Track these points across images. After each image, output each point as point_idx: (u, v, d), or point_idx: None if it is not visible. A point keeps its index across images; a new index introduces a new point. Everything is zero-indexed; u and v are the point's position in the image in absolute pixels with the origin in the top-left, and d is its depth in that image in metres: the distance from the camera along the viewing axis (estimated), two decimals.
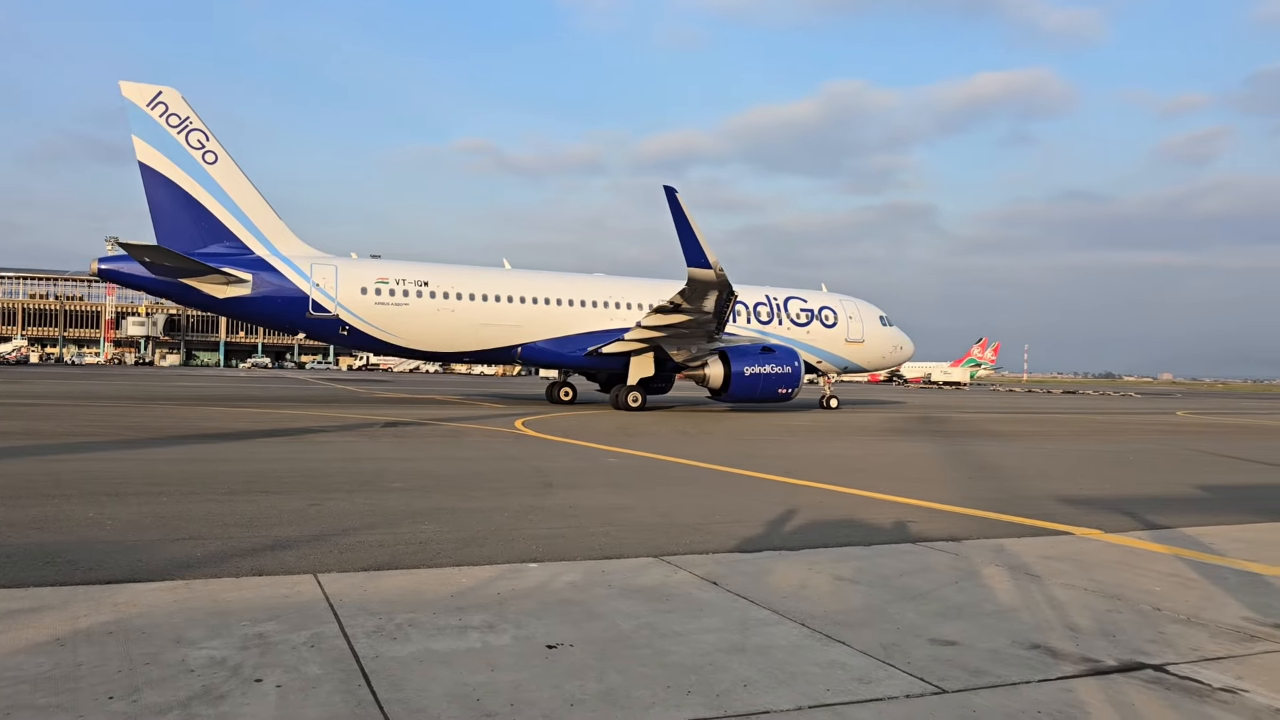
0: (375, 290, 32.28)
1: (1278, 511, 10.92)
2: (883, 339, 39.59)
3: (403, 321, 32.67)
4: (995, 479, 14.12)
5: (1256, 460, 18.98)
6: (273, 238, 32.03)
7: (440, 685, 4.19)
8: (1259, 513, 10.87)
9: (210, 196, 31.03)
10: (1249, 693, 4.40)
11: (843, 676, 4.48)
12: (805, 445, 19.92)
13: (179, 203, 30.65)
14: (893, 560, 7.39)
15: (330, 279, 31.88)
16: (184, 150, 30.77)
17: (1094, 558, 7.74)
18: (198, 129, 31.04)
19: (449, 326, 33.21)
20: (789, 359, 32.72)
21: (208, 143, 31.08)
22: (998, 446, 21.12)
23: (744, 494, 11.43)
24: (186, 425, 20.27)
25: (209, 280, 30.31)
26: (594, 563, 6.99)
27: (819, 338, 37.45)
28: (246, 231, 31.55)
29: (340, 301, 31.85)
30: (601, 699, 4.08)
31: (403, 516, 8.82)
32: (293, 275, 31.56)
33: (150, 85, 30.93)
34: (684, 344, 32.36)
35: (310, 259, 32.37)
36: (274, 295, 31.33)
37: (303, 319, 31.98)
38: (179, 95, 31.10)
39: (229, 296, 30.79)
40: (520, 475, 12.66)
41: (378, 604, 5.56)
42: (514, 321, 33.86)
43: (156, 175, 30.49)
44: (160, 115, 30.64)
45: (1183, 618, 5.81)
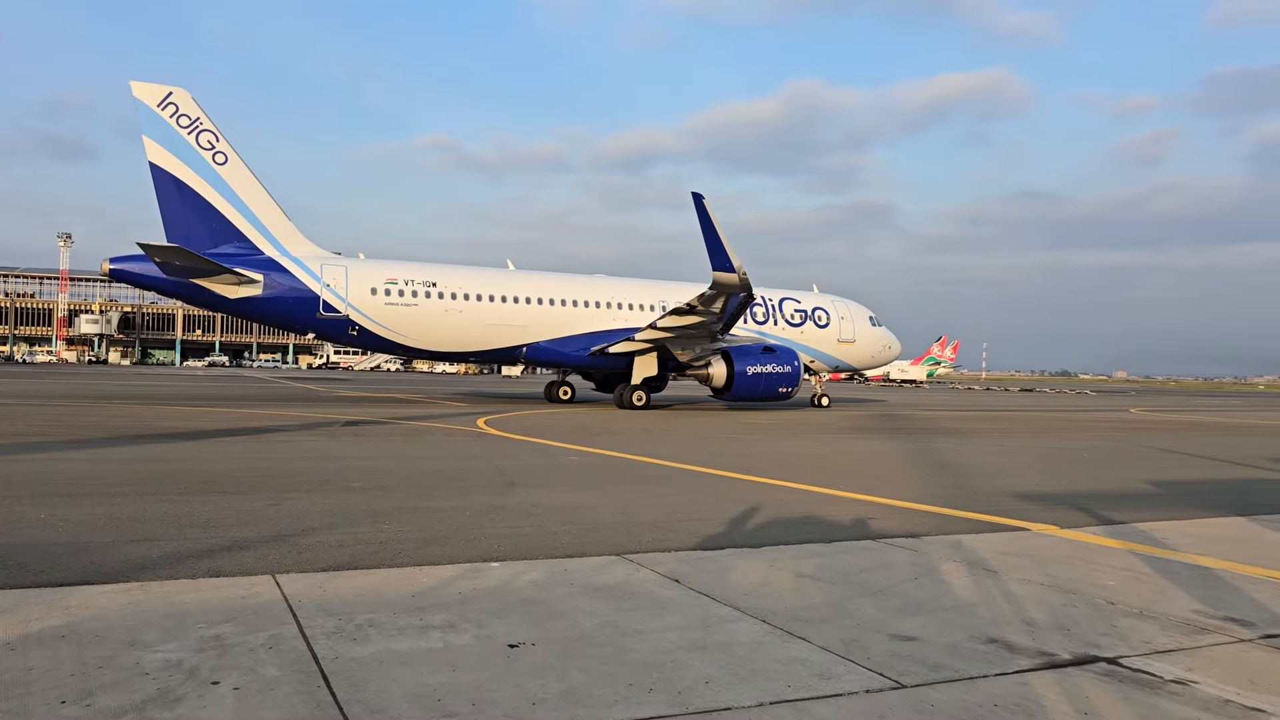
0: (385, 291, 32.50)
1: (1228, 506, 11.15)
2: (873, 339, 40.48)
3: (412, 322, 32.92)
4: (954, 476, 14.28)
5: (1207, 456, 19.37)
6: (282, 238, 32.10)
7: (401, 686, 4.17)
8: (1209, 508, 11.09)
9: (220, 197, 31.10)
10: (1199, 684, 4.49)
11: (803, 673, 4.51)
12: (767, 443, 20.02)
13: (189, 203, 30.69)
14: (853, 557, 7.45)
15: (340, 279, 32.04)
16: (194, 151, 30.79)
17: (1050, 553, 7.86)
18: (208, 130, 31.06)
19: (457, 327, 33.53)
20: (789, 359, 33.53)
21: (218, 143, 31.14)
22: (956, 444, 21.37)
23: (706, 492, 11.46)
24: (141, 425, 19.96)
25: (220, 280, 30.34)
26: (556, 561, 6.97)
27: (812, 337, 38.10)
28: (256, 232, 31.65)
29: (351, 302, 32.03)
30: (563, 698, 4.08)
31: (363, 516, 8.75)
32: (303, 276, 31.66)
33: (161, 86, 30.88)
34: (689, 344, 33.07)
35: (320, 259, 32.51)
36: (285, 296, 31.43)
37: (313, 319, 32.12)
38: (189, 96, 31.07)
39: (240, 297, 30.82)
40: (482, 474, 12.60)
41: (337, 604, 5.51)
42: (519, 322, 34.24)
43: (167, 176, 30.54)
44: (171, 116, 30.63)
45: (1135, 611, 5.92)
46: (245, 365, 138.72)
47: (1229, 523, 9.96)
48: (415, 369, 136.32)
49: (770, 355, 33.39)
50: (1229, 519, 10.21)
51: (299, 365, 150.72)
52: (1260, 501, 11.78)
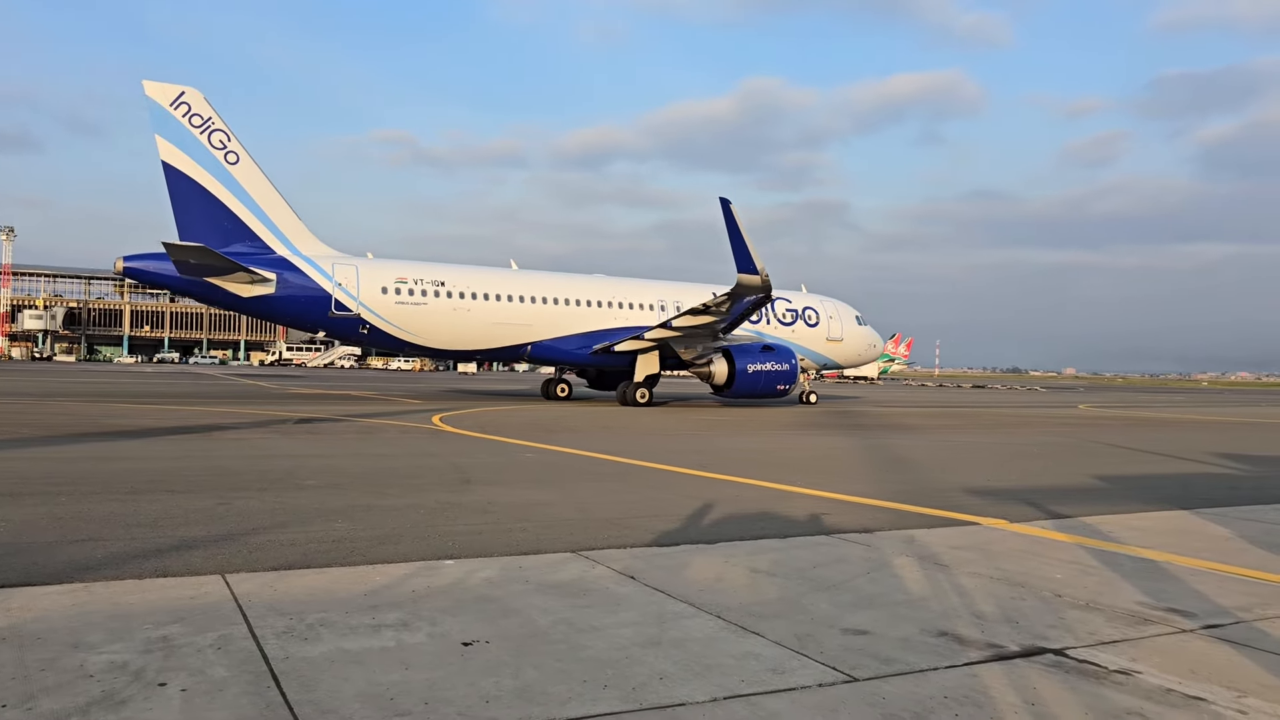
0: (395, 290, 33.08)
1: (1171, 500, 11.39)
2: (859, 337, 41.68)
3: (421, 320, 33.53)
4: (907, 471, 14.45)
5: (1152, 451, 19.78)
6: (293, 237, 32.55)
7: (353, 685, 4.13)
8: (1154, 501, 11.32)
9: (233, 196, 31.45)
10: (1142, 674, 4.59)
11: (757, 667, 4.54)
12: (724, 439, 20.11)
13: (202, 202, 30.99)
14: (807, 552, 7.50)
15: (352, 279, 32.54)
16: (206, 150, 31.10)
17: (1000, 547, 7.98)
18: (219, 129, 31.39)
19: (464, 325, 34.20)
20: (787, 357, 34.64)
21: (229, 143, 31.46)
22: (910, 440, 21.62)
23: (663, 488, 11.49)
24: (87, 423, 19.56)
25: (234, 279, 30.60)
26: (511, 559, 6.95)
27: (803, 336, 39.02)
28: (268, 231, 32.02)
29: (362, 301, 32.55)
30: (517, 695, 4.06)
31: (315, 514, 8.65)
32: (315, 275, 32.11)
33: (173, 85, 31.13)
34: (693, 343, 34.08)
35: (331, 259, 33.01)
36: (298, 294, 31.86)
37: (325, 318, 32.53)
38: (201, 96, 31.35)
39: (254, 295, 31.17)
40: (437, 471, 12.52)
41: (288, 604, 5.44)
42: (525, 320, 35.02)
43: (179, 175, 30.81)
44: (183, 115, 30.94)
45: (1082, 603, 6.03)
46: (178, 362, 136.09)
47: (1172, 516, 10.18)
48: (370, 365, 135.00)
49: (769, 354, 34.43)
50: (1172, 512, 10.43)
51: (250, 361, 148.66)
52: (1202, 495, 12.05)
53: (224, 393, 37.17)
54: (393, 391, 42.35)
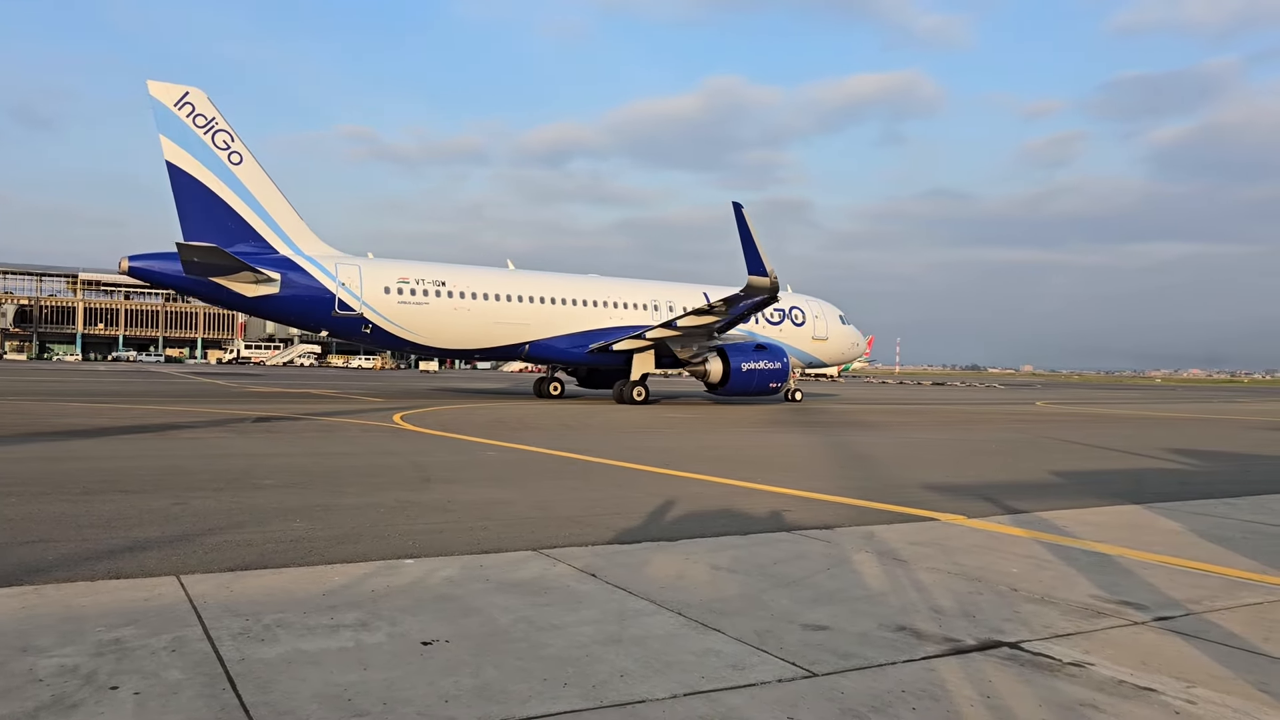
0: (398, 290, 33.47)
1: (1125, 495, 11.59)
2: (843, 336, 42.69)
3: (423, 320, 33.95)
4: (867, 468, 14.57)
5: (1106, 447, 20.11)
6: (295, 238, 32.77)
7: (310, 686, 4.08)
8: (1108, 496, 11.51)
9: (236, 196, 31.63)
10: (1095, 666, 4.67)
11: (717, 664, 4.55)
12: (686, 437, 20.15)
13: (206, 202, 31.14)
14: (768, 549, 7.54)
15: (355, 278, 32.85)
16: (210, 150, 31.28)
17: (957, 542, 8.07)
18: (223, 130, 31.56)
19: (465, 324, 34.67)
20: (779, 356, 35.63)
21: (233, 143, 31.68)
22: (870, 436, 21.80)
23: (624, 486, 11.49)
24: (39, 422, 19.19)
25: (239, 279, 30.76)
26: (472, 557, 6.91)
27: (790, 335, 39.75)
28: (271, 231, 32.23)
29: (365, 300, 32.88)
30: (477, 694, 4.04)
31: (273, 514, 8.55)
32: (319, 274, 32.36)
33: (177, 85, 31.27)
34: (690, 342, 34.88)
35: (334, 259, 33.28)
36: (302, 294, 32.06)
37: (328, 317, 32.80)
38: (205, 96, 31.51)
39: (258, 295, 31.38)
40: (397, 470, 12.43)
41: (244, 605, 5.37)
42: (523, 320, 35.59)
43: (183, 175, 30.98)
44: (187, 115, 31.07)
45: (1037, 597, 6.11)
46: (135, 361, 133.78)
47: (1125, 510, 10.35)
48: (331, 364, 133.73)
49: (762, 352, 35.40)
50: (1126, 507, 10.61)
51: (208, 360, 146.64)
52: (1154, 490, 12.27)
53: (180, 391, 36.63)
54: (353, 390, 41.98)
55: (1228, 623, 5.57)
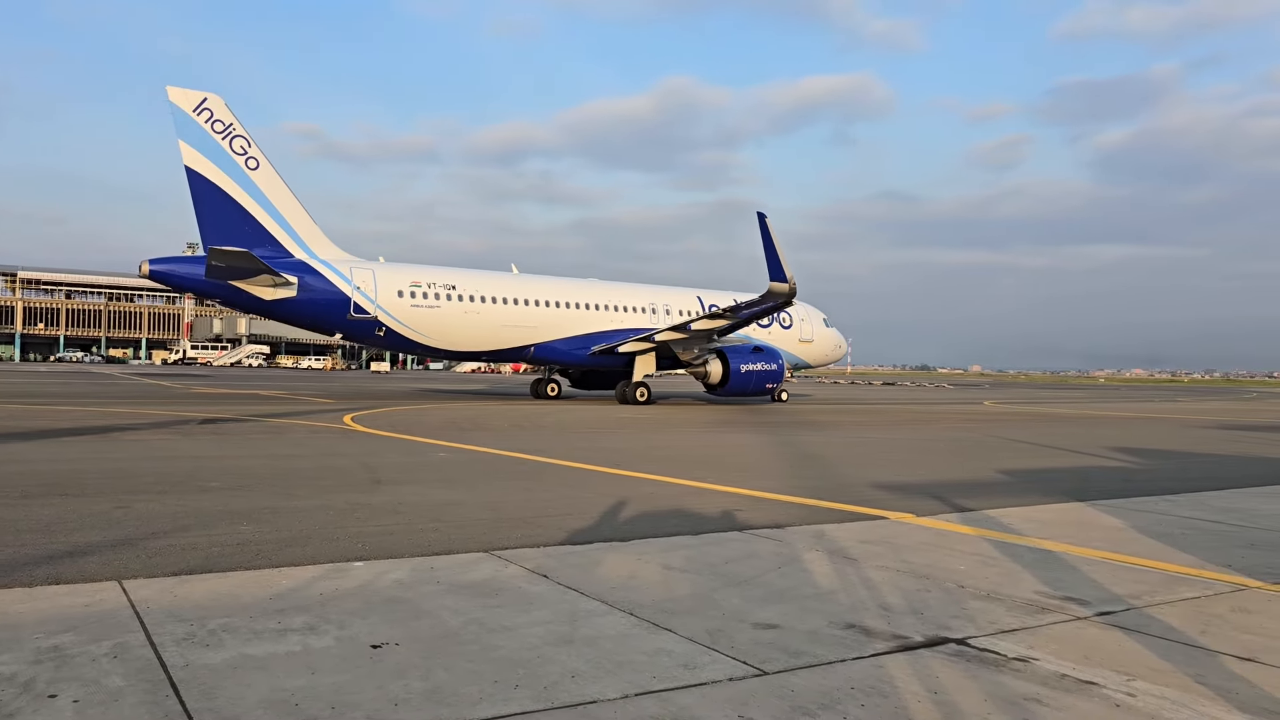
0: (410, 293, 34.18)
1: (1069, 493, 11.81)
2: (827, 338, 44.42)
3: (434, 323, 34.71)
4: (818, 467, 14.70)
5: (1052, 446, 20.48)
6: (310, 242, 33.44)
7: (256, 692, 4.02)
8: (1052, 494, 11.73)
9: (253, 201, 32.23)
10: (1039, 661, 4.75)
11: (668, 663, 4.56)
12: (638, 437, 20.17)
13: (224, 206, 31.73)
14: (720, 548, 7.57)
15: (369, 282, 33.51)
16: (228, 156, 31.88)
17: (906, 540, 8.17)
18: (240, 135, 32.15)
19: (474, 327, 35.52)
20: (774, 358, 37.33)
21: (250, 149, 32.27)
22: (821, 436, 21.99)
23: (577, 487, 11.47)
24: None
25: (258, 283, 31.41)
26: (422, 559, 6.86)
27: (778, 338, 41.00)
28: (287, 236, 32.84)
29: (380, 304, 33.54)
30: (427, 697, 4.01)
31: (218, 517, 8.40)
32: (334, 278, 33.01)
33: (196, 91, 31.92)
34: (693, 345, 36.07)
35: (348, 263, 33.93)
36: (318, 298, 32.68)
37: (343, 320, 33.44)
38: (223, 102, 32.14)
39: (276, 299, 32.00)
40: (347, 472, 12.29)
41: (189, 610, 5.27)
42: (530, 323, 36.50)
43: (202, 180, 31.55)
44: (206, 121, 31.70)
45: (984, 594, 6.21)
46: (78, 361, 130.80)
47: (1070, 508, 10.55)
48: (279, 364, 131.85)
49: (759, 354, 36.99)
50: (1070, 504, 10.81)
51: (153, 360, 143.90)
52: (1097, 487, 12.52)
53: (123, 393, 35.90)
54: (302, 391, 41.44)
55: (1167, 617, 5.70)
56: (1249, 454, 19.56)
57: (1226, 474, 15.11)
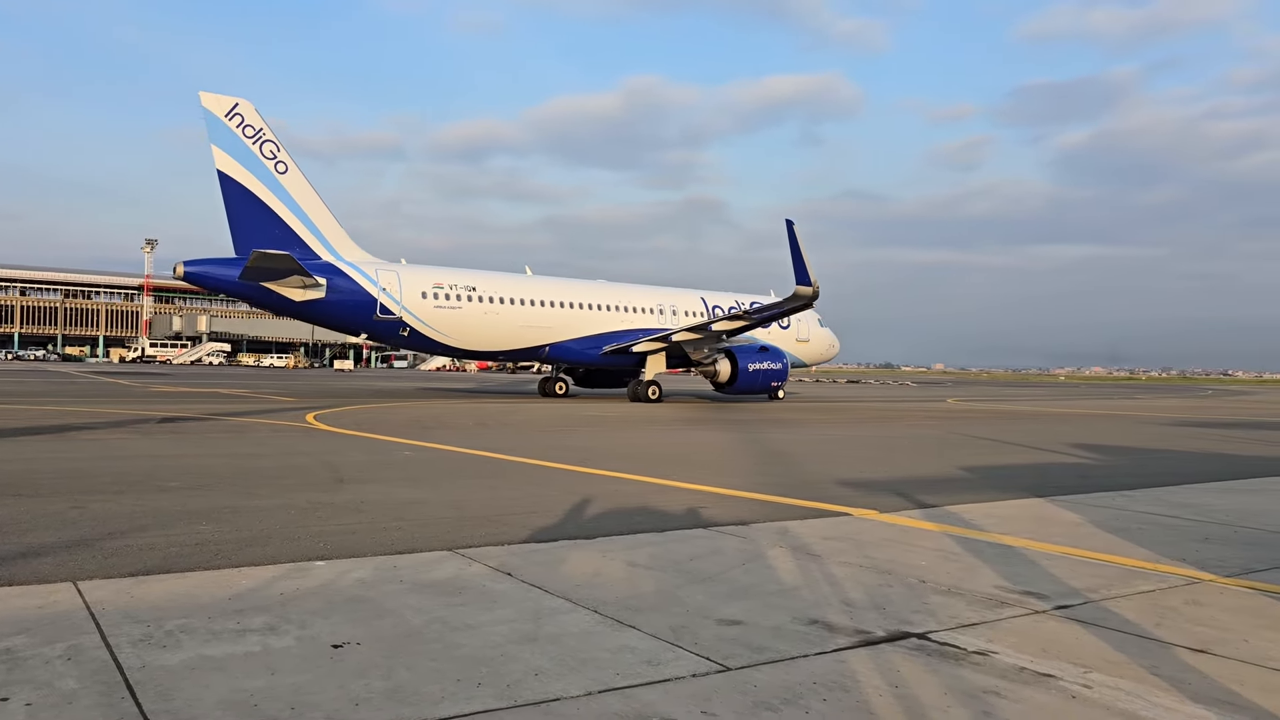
0: (434, 295, 35.02)
1: (1029, 489, 11.95)
2: (822, 337, 45.78)
3: (456, 323, 35.58)
4: (782, 464, 14.77)
5: (1013, 442, 20.73)
6: (337, 244, 34.26)
7: (214, 693, 3.97)
8: (1013, 490, 11.87)
9: (282, 204, 33.03)
10: (998, 654, 4.81)
11: (632, 660, 4.56)
12: (603, 435, 20.16)
13: (255, 210, 32.52)
14: (684, 545, 7.59)
15: (395, 284, 34.32)
16: (259, 160, 32.65)
17: (869, 536, 8.23)
18: (270, 140, 32.93)
19: (494, 328, 36.46)
20: (779, 357, 38.91)
21: (279, 153, 33.06)
22: (786, 433, 22.10)
23: (542, 484, 11.44)
24: None
25: (289, 284, 32.13)
26: (385, 558, 6.81)
27: (778, 337, 42.10)
28: (314, 238, 33.61)
29: (405, 305, 34.37)
30: (388, 696, 3.98)
31: (177, 517, 8.29)
32: (361, 280, 33.76)
33: (228, 97, 32.72)
34: (703, 345, 37.33)
35: (373, 264, 34.73)
36: (346, 299, 33.43)
37: (369, 321, 34.19)
38: (253, 107, 32.95)
39: (305, 300, 32.74)
40: (309, 471, 12.17)
41: (146, 610, 5.19)
42: (546, 323, 37.50)
43: (234, 183, 32.33)
44: (237, 126, 32.47)
45: (945, 589, 6.27)
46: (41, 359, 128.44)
47: (1030, 504, 10.68)
48: (240, 363, 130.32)
49: (765, 354, 38.49)
50: (1030, 500, 10.95)
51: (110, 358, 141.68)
52: (1057, 483, 12.69)
53: (80, 391, 35.31)
54: (264, 389, 40.99)
55: (1123, 610, 5.79)
56: (1204, 450, 19.93)
57: (1182, 470, 15.38)
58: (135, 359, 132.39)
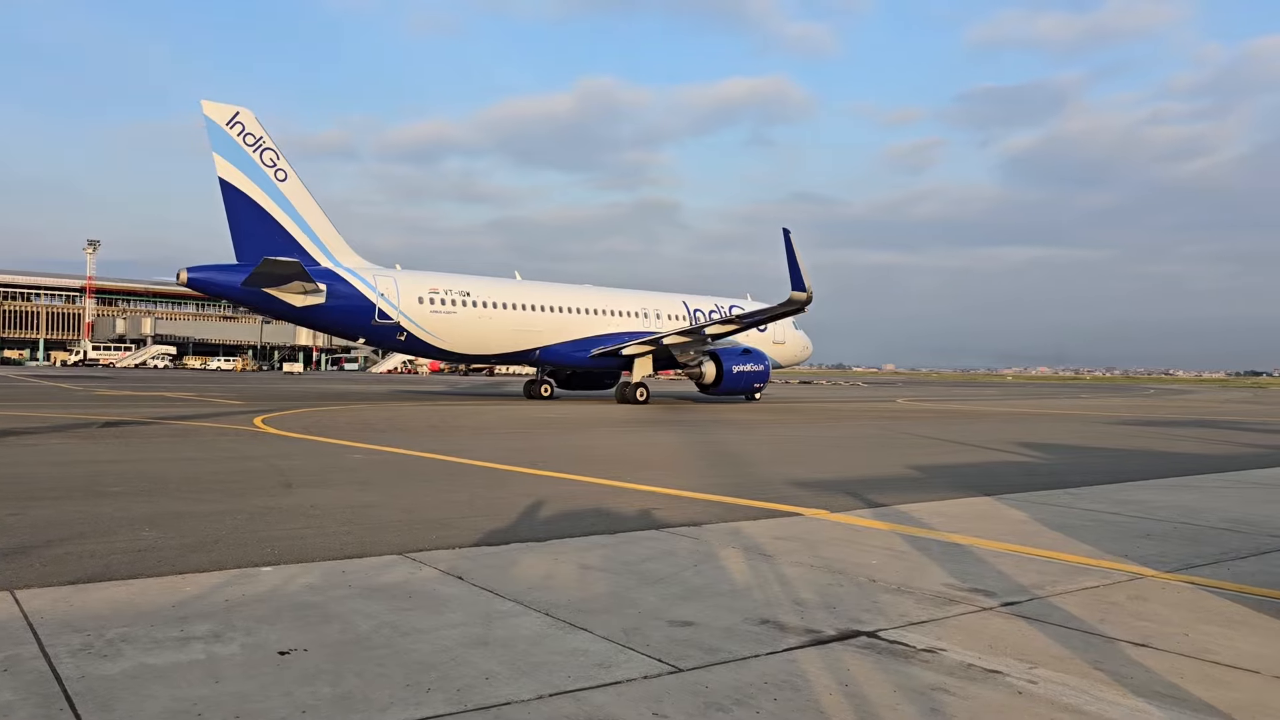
0: (430, 300, 35.83)
1: (977, 487, 12.12)
2: (796, 340, 47.01)
3: (451, 328, 36.35)
4: (735, 465, 14.83)
5: (962, 442, 21.01)
6: (334, 251, 35.00)
7: (157, 702, 3.89)
8: (962, 489, 12.03)
9: (282, 212, 33.74)
10: (946, 651, 4.86)
11: (584, 663, 4.55)
12: (558, 437, 20.10)
13: (255, 217, 33.15)
14: (637, 547, 7.59)
15: (392, 289, 35.04)
16: (259, 168, 33.28)
17: (820, 536, 8.29)
18: (269, 148, 33.59)
19: (488, 332, 37.35)
20: (761, 359, 40.04)
21: (278, 161, 33.72)
22: (739, 434, 22.20)
23: (494, 487, 11.37)
24: None
25: (290, 290, 32.68)
26: (334, 563, 6.72)
27: (755, 340, 42.97)
28: (313, 245, 34.32)
29: (402, 310, 35.10)
30: (336, 703, 3.93)
31: (120, 523, 8.11)
32: (360, 285, 34.48)
33: (229, 105, 33.33)
34: (689, 348, 38.28)
35: (370, 270, 35.41)
36: (345, 304, 34.07)
37: (368, 326, 34.89)
38: (253, 115, 33.55)
39: (305, 305, 33.33)
40: (257, 475, 11.98)
41: (86, 620, 5.08)
42: (538, 328, 38.45)
43: (235, 191, 32.96)
44: (238, 134, 33.07)
45: (894, 587, 6.34)
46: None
47: (978, 502, 10.84)
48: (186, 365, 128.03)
49: (748, 356, 39.58)
50: (978, 499, 11.10)
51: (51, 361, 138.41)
52: (1004, 482, 12.88)
53: (19, 395, 34.48)
54: (211, 393, 40.30)
55: (1068, 605, 5.90)
56: (1146, 448, 20.36)
57: (1125, 468, 15.70)
58: (77, 362, 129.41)
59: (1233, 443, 22.45)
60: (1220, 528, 9.23)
